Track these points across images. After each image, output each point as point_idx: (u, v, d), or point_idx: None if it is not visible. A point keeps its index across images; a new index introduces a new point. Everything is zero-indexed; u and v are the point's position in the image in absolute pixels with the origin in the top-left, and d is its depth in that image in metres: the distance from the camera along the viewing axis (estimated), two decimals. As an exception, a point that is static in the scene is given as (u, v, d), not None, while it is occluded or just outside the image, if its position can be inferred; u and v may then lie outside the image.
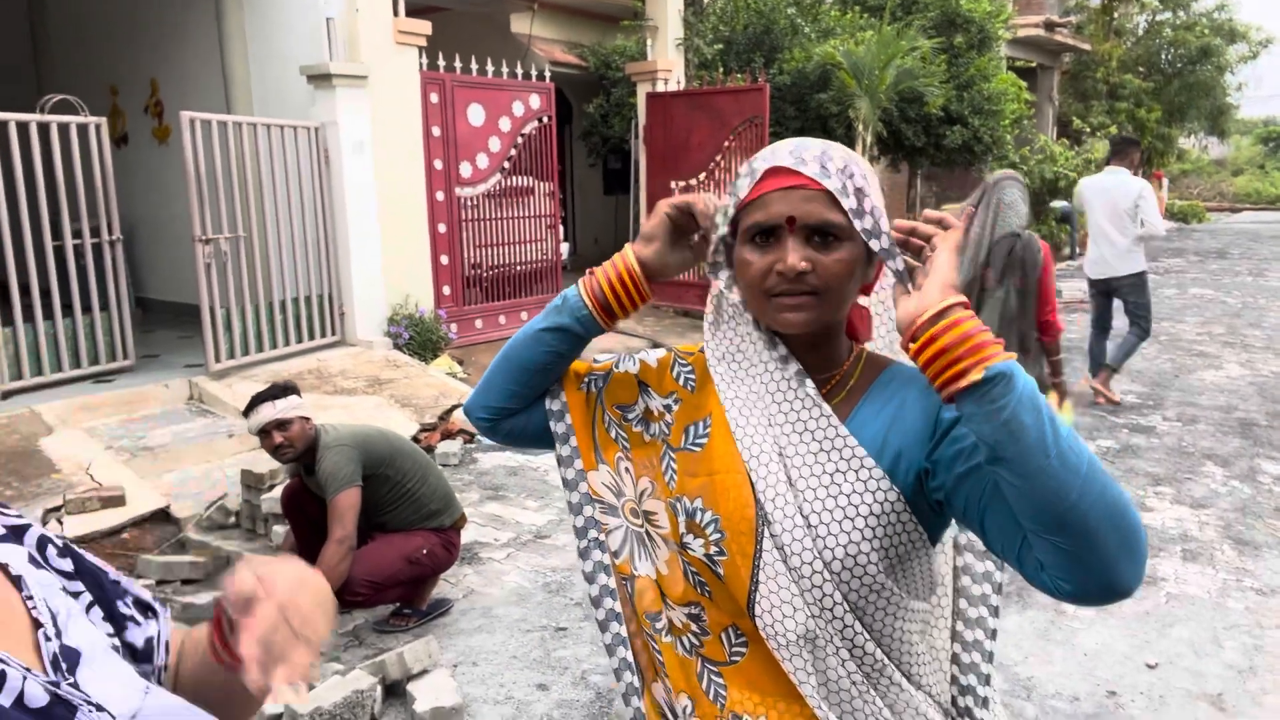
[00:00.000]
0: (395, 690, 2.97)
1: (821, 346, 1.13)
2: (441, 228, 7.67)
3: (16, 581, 0.68)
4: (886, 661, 1.08)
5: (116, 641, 0.74)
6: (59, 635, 0.66)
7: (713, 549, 1.11)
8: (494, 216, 8.14)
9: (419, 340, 7.13)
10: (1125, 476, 5.02)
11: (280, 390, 3.35)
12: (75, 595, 0.74)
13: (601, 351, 8.12)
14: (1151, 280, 6.71)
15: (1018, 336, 3.82)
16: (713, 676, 1.16)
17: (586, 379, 1.28)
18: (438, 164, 7.56)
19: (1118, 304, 6.54)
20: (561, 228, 9.04)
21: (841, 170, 1.06)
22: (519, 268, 8.43)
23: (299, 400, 3.36)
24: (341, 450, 3.29)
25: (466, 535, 3.93)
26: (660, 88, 9.58)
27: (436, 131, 7.52)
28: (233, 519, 4.52)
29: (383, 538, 3.43)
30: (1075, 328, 8.26)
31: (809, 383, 1.11)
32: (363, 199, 6.97)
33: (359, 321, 7.09)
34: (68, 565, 0.75)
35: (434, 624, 3.53)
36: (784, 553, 1.06)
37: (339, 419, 4.64)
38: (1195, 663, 3.18)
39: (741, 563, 1.08)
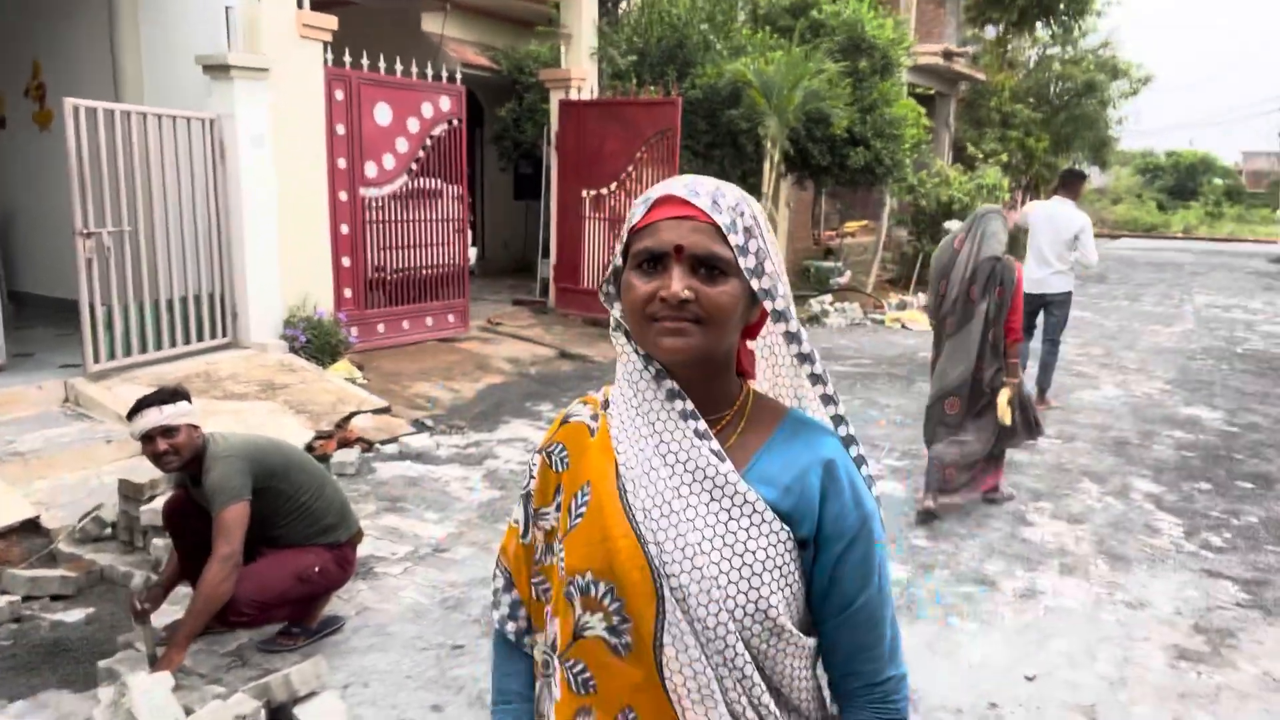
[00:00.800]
0: (281, 714, 2.85)
1: (712, 383, 1.12)
2: (344, 228, 7.46)
3: None
4: (779, 711, 1.09)
5: None
6: None
7: (614, 619, 1.08)
8: (400, 219, 7.97)
9: (317, 344, 6.91)
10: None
11: (169, 395, 3.18)
12: None
13: (508, 359, 7.93)
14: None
15: (992, 340, 4.64)
16: None
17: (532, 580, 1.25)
18: (341, 163, 7.36)
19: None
20: (470, 232, 8.92)
21: (733, 208, 1.07)
22: (425, 271, 8.27)
23: (189, 407, 3.20)
24: (231, 461, 3.15)
25: (362, 549, 3.81)
26: (574, 95, 9.57)
27: (341, 129, 7.33)
28: (108, 531, 4.28)
29: (273, 554, 3.29)
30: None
31: (699, 422, 1.10)
32: (260, 196, 6.72)
33: (253, 323, 6.82)
34: None
35: (324, 643, 3.41)
36: (685, 605, 1.05)
37: (228, 426, 4.45)
38: (1071, 674, 3.34)
39: (644, 626, 1.06)
